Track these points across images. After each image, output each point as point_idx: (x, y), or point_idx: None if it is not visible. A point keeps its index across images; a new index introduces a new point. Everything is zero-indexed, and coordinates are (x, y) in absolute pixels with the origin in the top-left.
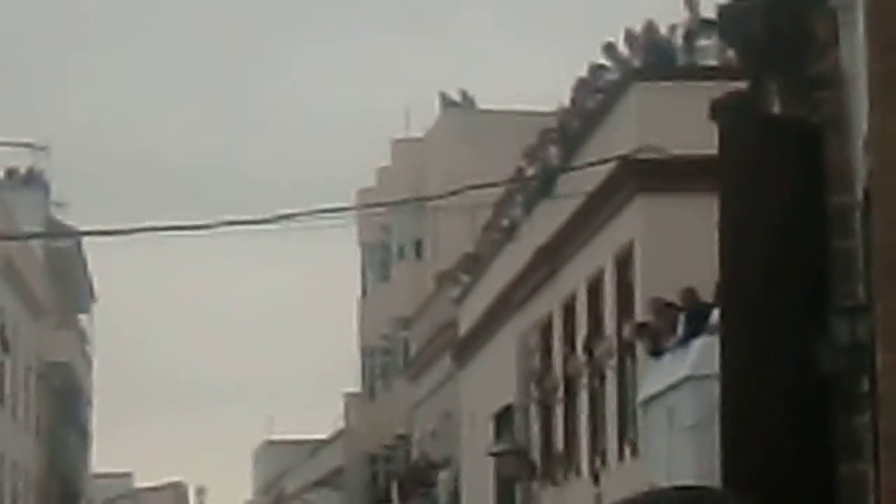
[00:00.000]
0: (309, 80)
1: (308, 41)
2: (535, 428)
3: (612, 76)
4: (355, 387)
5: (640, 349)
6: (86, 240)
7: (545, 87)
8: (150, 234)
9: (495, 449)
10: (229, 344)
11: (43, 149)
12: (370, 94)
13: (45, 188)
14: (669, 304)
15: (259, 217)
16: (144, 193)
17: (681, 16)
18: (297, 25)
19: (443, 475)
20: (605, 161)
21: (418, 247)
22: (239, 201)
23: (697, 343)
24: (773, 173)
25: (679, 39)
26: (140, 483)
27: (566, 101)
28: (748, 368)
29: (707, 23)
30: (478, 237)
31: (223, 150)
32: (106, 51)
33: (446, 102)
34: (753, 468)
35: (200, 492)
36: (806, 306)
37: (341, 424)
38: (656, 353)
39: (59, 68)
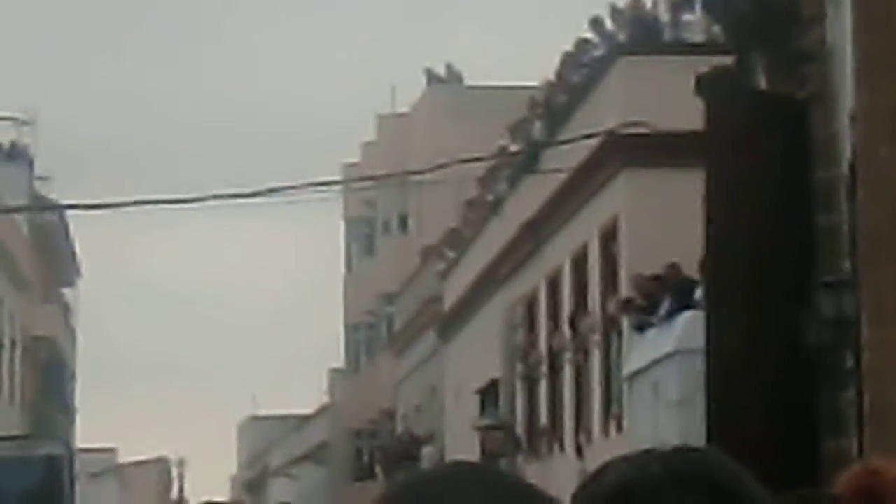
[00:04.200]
0: (297, 54)
1: (298, 11)
2: (520, 403)
3: (598, 51)
4: (340, 362)
5: (625, 324)
6: (70, 214)
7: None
8: (135, 208)
9: (480, 424)
10: (215, 319)
11: (27, 123)
12: (357, 70)
13: (30, 162)
14: (654, 279)
15: (247, 191)
16: (129, 169)
17: None
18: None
19: (427, 450)
20: (591, 136)
21: (403, 221)
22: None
23: (682, 318)
24: (758, 148)
25: (665, 14)
26: (124, 458)
27: (552, 76)
28: (734, 343)
29: None
30: (463, 212)
31: (210, 122)
32: (88, 27)
33: (432, 78)
34: (738, 442)
35: (180, 463)
36: (792, 281)
37: (326, 400)
38: (641, 327)
39: (43, 43)
